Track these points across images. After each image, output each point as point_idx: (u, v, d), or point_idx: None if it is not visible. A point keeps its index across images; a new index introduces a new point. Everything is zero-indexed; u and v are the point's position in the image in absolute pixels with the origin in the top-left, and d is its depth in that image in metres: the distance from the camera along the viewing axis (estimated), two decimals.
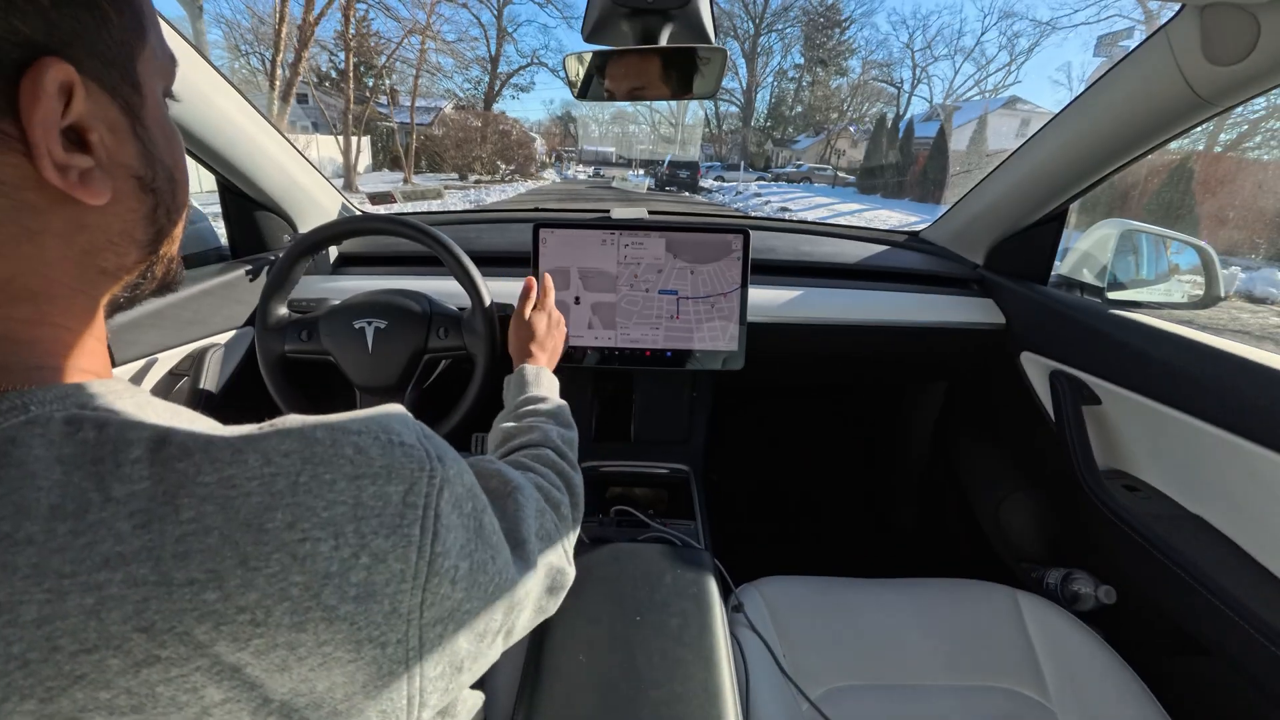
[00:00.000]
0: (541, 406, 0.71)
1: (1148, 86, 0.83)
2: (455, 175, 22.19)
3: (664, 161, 26.78)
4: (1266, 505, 0.75)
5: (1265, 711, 0.75)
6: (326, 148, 17.65)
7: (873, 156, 26.70)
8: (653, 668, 0.65)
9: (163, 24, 0.80)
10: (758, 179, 30.72)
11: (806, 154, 37.40)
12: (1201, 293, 1.12)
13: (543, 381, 0.77)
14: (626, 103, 1.01)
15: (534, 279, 0.91)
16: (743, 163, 33.86)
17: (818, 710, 0.76)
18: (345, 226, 0.97)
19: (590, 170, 35.76)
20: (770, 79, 41.93)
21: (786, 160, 38.22)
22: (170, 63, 0.37)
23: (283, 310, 0.98)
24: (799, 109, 41.64)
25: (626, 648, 0.67)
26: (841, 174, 28.92)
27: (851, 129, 36.42)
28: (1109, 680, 0.80)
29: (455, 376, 1.00)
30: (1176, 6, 0.73)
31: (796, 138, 40.58)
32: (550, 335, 0.87)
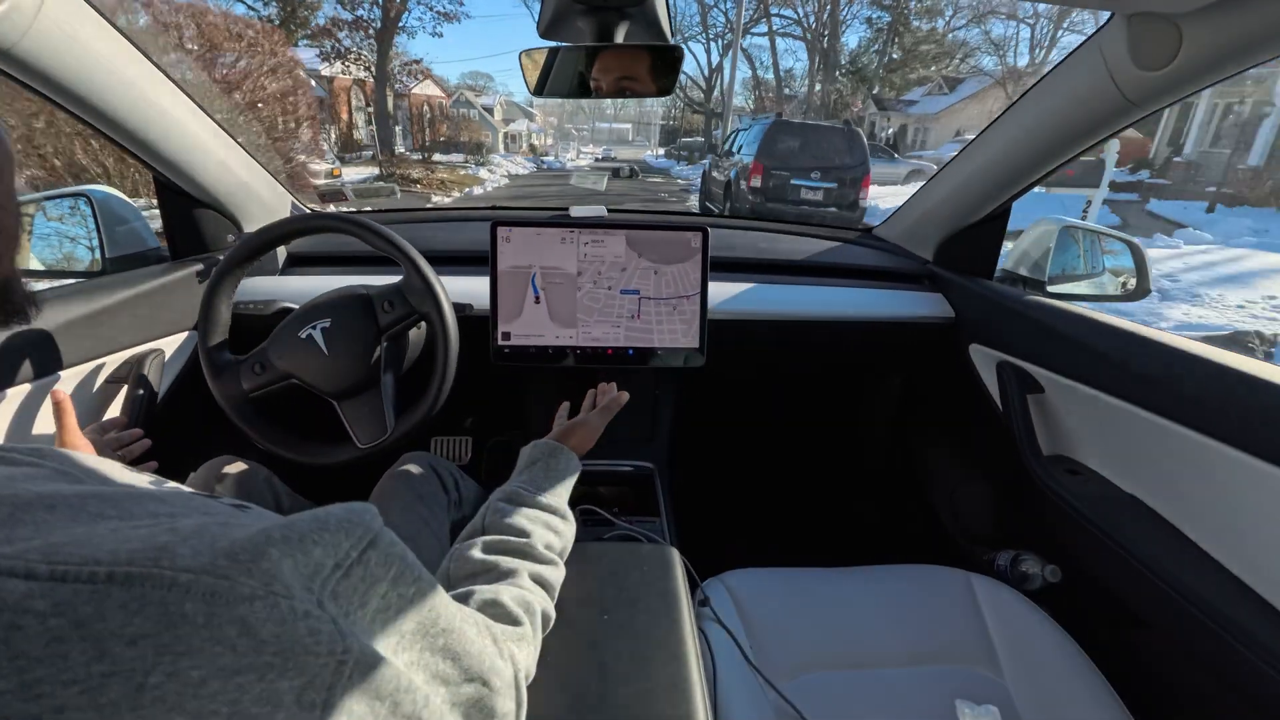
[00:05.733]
0: (542, 510, 0.69)
1: (1082, 90, 0.87)
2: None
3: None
4: (1195, 485, 0.80)
5: (1200, 679, 0.80)
6: None
7: None
8: (621, 664, 0.65)
9: (93, 10, 0.76)
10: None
11: (939, 120, 22.82)
12: (1134, 285, 1.19)
13: (567, 477, 0.75)
14: (583, 99, 1.00)
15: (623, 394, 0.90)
16: (893, 138, 19.71)
17: (784, 698, 0.77)
18: (294, 226, 0.93)
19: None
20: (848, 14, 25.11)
21: (902, 132, 23.72)
22: None
23: (226, 355, 0.92)
24: (896, 54, 25.18)
25: (594, 646, 0.67)
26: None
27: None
28: (1057, 656, 0.84)
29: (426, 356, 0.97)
30: (1108, 15, 0.77)
31: (909, 94, 25.60)
32: (591, 437, 0.86)
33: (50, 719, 0.19)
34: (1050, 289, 1.19)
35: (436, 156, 19.39)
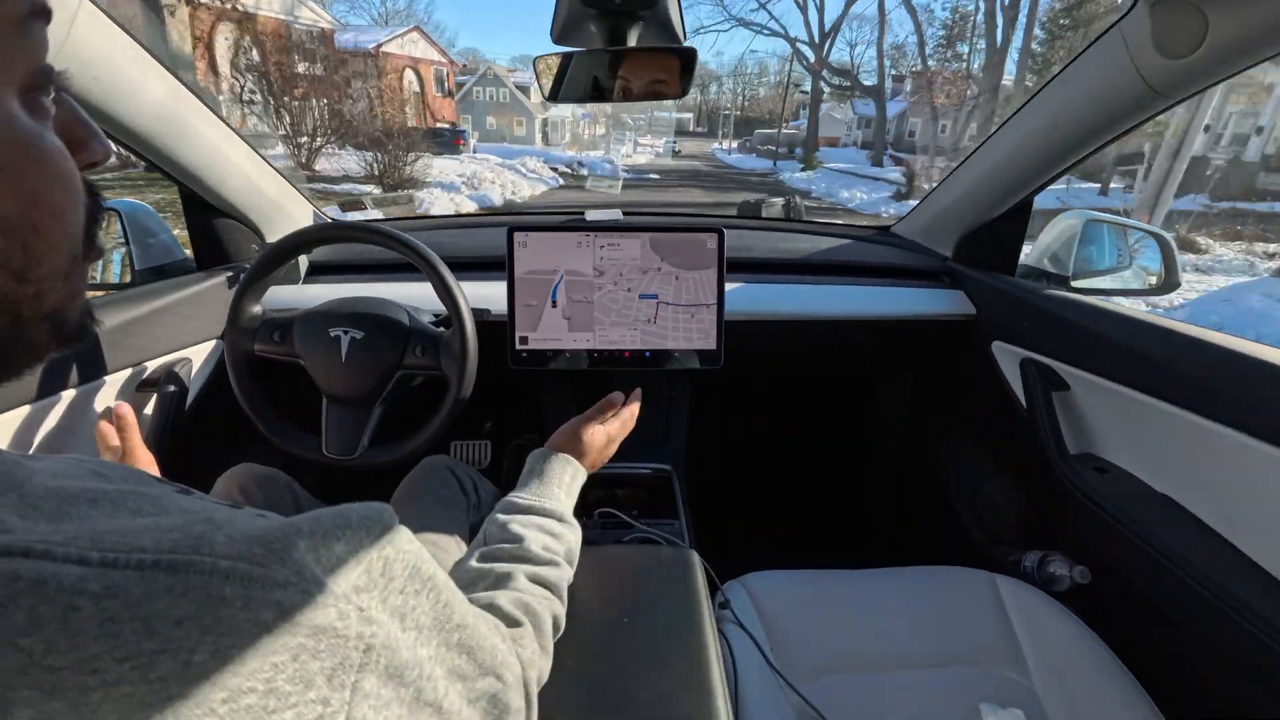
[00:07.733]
0: (536, 516, 0.66)
1: (1104, 80, 0.85)
2: None
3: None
4: (1229, 482, 0.78)
5: (1235, 683, 0.78)
6: None
7: None
8: (641, 667, 0.65)
9: (110, 22, 0.77)
10: None
11: None
12: (1162, 279, 1.16)
13: (564, 481, 0.72)
14: (593, 104, 1.00)
15: (621, 401, 0.85)
16: None
17: (806, 702, 0.76)
18: (326, 233, 0.96)
19: None
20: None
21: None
22: (33, 53, 0.27)
23: (256, 309, 0.96)
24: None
25: (615, 649, 0.67)
26: None
27: None
28: (1087, 658, 0.82)
29: (429, 393, 0.99)
30: (1130, 2, 0.76)
31: None
32: (601, 450, 0.80)
33: (105, 692, 0.21)
34: (1074, 284, 1.17)
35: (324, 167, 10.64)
